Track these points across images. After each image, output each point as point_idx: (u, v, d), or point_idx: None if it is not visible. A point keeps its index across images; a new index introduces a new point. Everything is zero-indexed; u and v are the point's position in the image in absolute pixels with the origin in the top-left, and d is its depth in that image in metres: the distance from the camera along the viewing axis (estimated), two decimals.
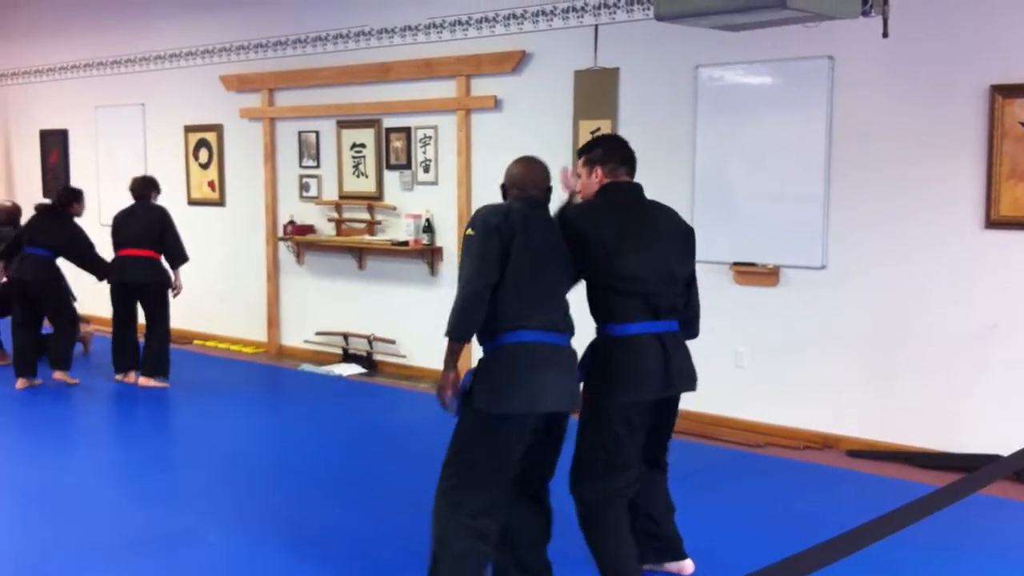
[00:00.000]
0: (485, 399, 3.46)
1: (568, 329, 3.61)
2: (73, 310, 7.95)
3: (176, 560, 4.28)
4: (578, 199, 3.93)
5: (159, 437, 6.30)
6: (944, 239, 5.67)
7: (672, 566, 4.09)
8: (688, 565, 4.08)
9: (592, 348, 3.75)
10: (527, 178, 3.71)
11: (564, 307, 3.63)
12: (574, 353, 3.64)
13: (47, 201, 8.43)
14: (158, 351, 7.67)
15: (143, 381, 7.60)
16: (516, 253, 3.48)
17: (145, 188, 7.79)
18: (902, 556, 4.14)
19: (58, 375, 7.59)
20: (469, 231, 3.54)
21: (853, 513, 2.94)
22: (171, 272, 7.73)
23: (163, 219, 7.68)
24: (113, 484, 5.38)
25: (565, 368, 3.55)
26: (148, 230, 7.57)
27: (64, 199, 7.77)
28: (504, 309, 3.48)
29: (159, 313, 7.66)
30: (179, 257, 7.76)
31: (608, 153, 3.89)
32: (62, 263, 7.78)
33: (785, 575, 1.85)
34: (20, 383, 7.47)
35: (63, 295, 7.84)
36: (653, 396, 3.69)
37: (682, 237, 3.88)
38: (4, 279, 7.87)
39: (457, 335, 3.54)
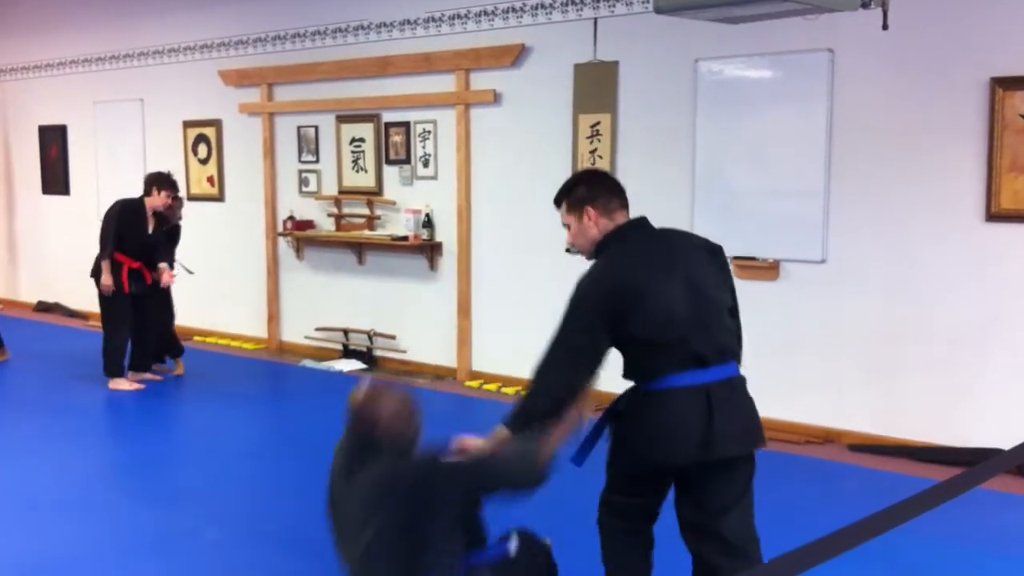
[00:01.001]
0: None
1: None
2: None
3: (177, 560, 4.27)
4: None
5: (159, 434, 6.29)
6: (945, 232, 5.65)
7: None
8: None
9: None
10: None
11: None
12: None
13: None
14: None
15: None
16: None
17: (146, 183, 7.68)
18: (904, 550, 4.13)
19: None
20: None
21: (855, 508, 2.92)
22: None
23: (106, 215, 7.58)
24: (113, 483, 5.37)
25: None
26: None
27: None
28: None
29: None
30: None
31: (593, 188, 3.33)
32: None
33: (787, 570, 1.84)
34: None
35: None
36: (688, 460, 3.15)
37: (712, 257, 3.47)
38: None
39: None
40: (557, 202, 3.40)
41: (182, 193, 9.79)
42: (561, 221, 3.42)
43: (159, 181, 7.60)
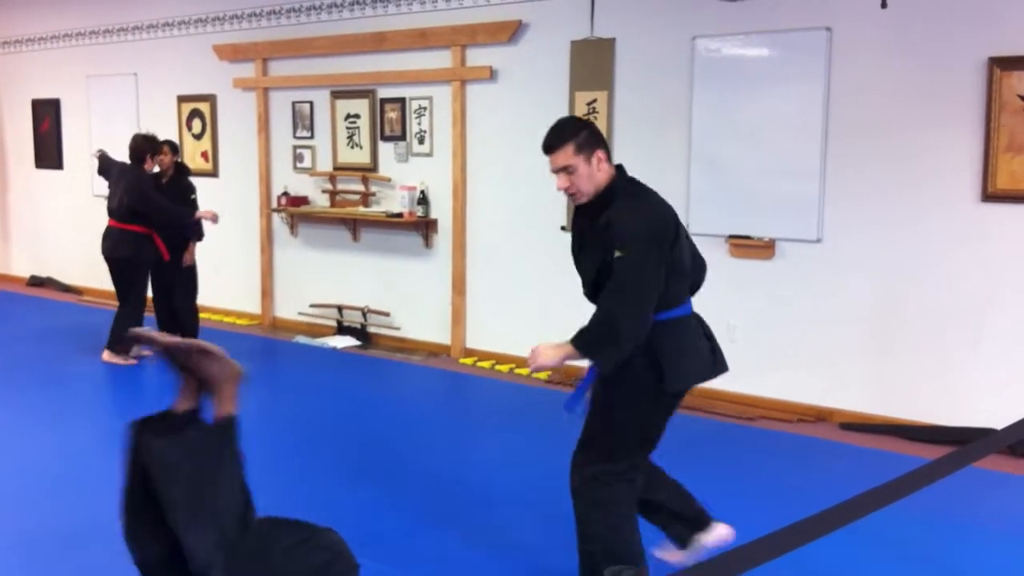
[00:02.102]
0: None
1: None
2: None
3: None
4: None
5: (149, 410, 6.26)
6: (940, 212, 5.65)
7: (707, 537, 3.79)
8: (722, 529, 3.82)
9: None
10: None
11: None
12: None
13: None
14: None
15: (105, 356, 7.52)
16: None
17: (140, 150, 7.39)
18: (895, 528, 4.15)
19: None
20: None
21: (846, 486, 2.93)
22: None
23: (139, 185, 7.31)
24: (107, 457, 5.36)
25: None
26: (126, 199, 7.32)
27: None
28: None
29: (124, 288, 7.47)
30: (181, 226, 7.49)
31: (597, 133, 3.41)
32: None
33: (778, 546, 1.84)
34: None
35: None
36: (703, 378, 3.53)
37: None
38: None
39: None
40: (557, 145, 3.37)
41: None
42: (559, 164, 3.39)
43: (154, 144, 7.44)
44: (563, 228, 6.82)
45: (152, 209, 7.30)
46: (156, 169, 7.51)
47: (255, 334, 8.86)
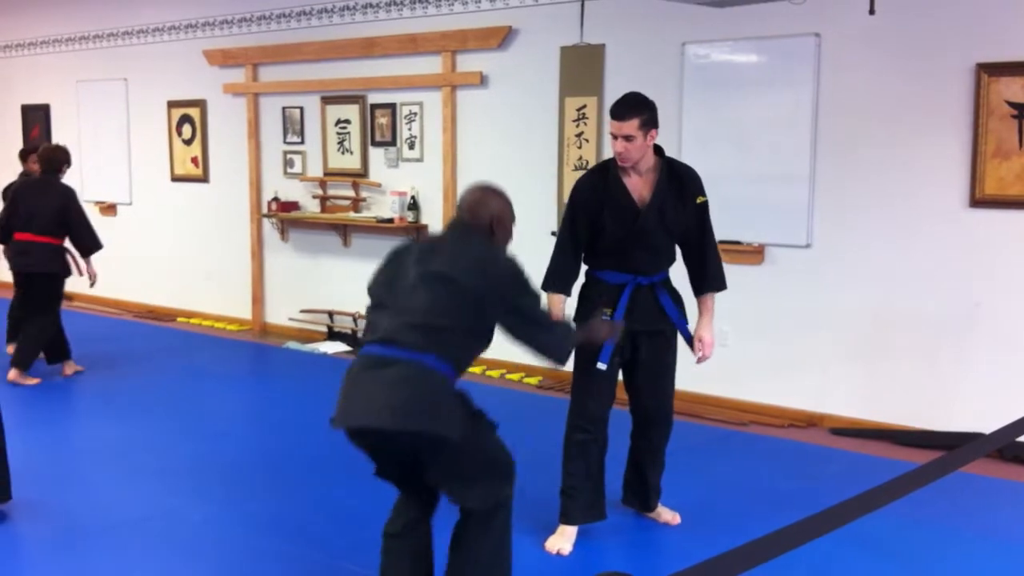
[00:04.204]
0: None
1: (412, 345, 3.11)
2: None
3: (159, 539, 4.26)
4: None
5: (142, 416, 6.26)
6: (929, 218, 5.67)
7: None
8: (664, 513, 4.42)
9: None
10: (464, 204, 3.38)
11: (422, 318, 3.14)
12: (416, 365, 3.10)
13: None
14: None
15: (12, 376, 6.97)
16: (377, 272, 3.50)
17: (58, 161, 7.15)
18: (884, 532, 4.17)
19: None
20: None
21: (836, 491, 2.95)
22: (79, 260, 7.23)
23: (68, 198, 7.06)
24: (96, 463, 5.35)
25: (389, 382, 3.09)
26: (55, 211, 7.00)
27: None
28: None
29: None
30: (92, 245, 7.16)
31: (656, 115, 4.06)
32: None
33: (768, 550, 1.85)
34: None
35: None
36: None
37: None
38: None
39: None
40: (627, 116, 3.95)
41: (166, 173, 9.80)
42: (623, 132, 3.95)
43: (68, 155, 7.26)
44: (553, 233, 6.82)
45: (84, 221, 7.09)
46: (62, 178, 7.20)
47: (245, 340, 8.84)
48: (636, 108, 3.98)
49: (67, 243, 7.23)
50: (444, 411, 3.09)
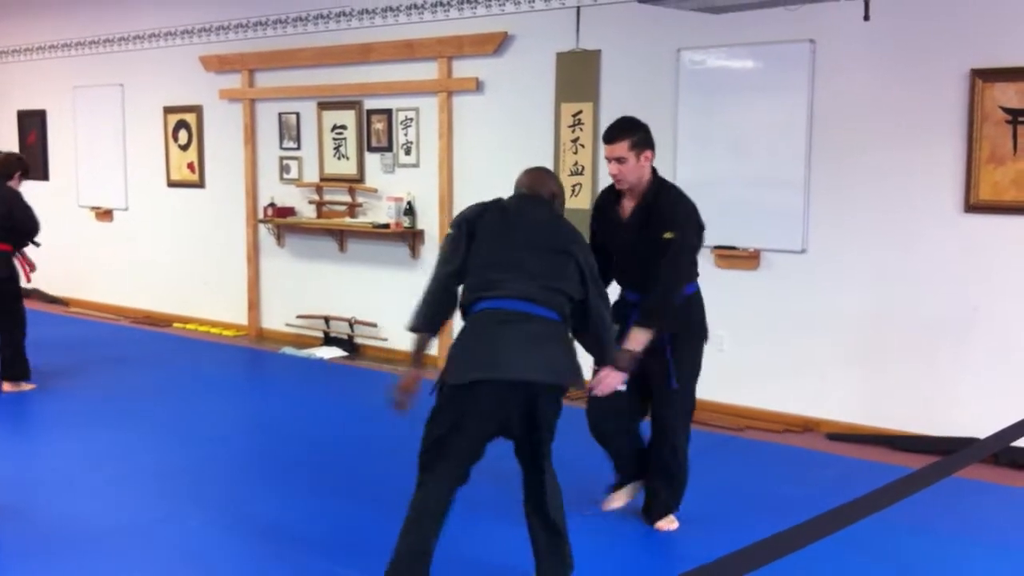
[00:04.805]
0: (447, 371, 3.39)
1: (549, 303, 3.41)
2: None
3: (156, 545, 4.26)
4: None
5: (138, 421, 6.26)
6: (924, 223, 5.68)
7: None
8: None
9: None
10: (529, 183, 3.72)
11: (548, 282, 3.44)
12: (557, 325, 3.45)
13: None
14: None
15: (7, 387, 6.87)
16: (480, 231, 3.48)
17: (12, 167, 6.93)
18: (880, 537, 4.17)
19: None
20: (449, 230, 3.60)
21: (832, 496, 2.95)
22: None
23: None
24: (92, 469, 5.35)
25: (540, 338, 3.37)
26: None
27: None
28: (470, 283, 3.46)
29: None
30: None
31: (650, 137, 4.14)
32: None
33: (764, 555, 1.85)
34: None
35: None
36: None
37: None
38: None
39: (413, 325, 3.56)
40: (617, 139, 4.07)
41: (162, 179, 9.80)
42: (614, 155, 4.08)
43: (23, 163, 7.07)
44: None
45: (34, 225, 6.93)
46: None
47: (242, 345, 8.84)
48: (625, 130, 4.10)
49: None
50: (576, 364, 3.45)
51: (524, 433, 3.46)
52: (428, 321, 3.55)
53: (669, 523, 4.39)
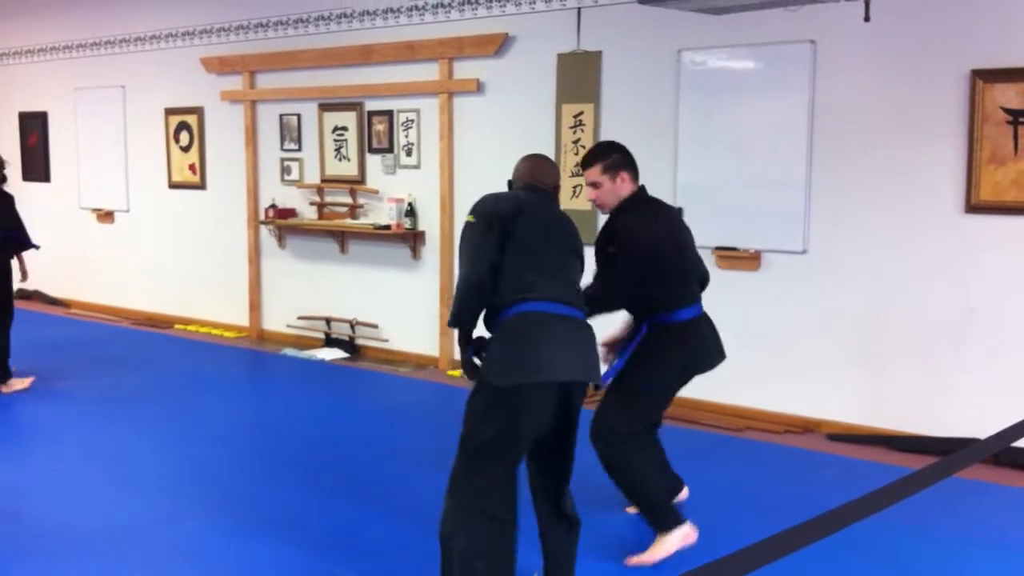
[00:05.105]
0: (494, 373, 3.35)
1: (580, 305, 3.52)
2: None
3: (156, 546, 4.27)
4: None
5: (140, 422, 6.27)
6: (925, 224, 5.69)
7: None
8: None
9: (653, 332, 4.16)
10: (532, 172, 3.75)
11: (574, 284, 3.57)
12: (590, 327, 3.55)
13: None
14: None
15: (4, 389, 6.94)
16: (519, 231, 3.45)
17: None
18: (880, 538, 4.18)
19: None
20: (470, 218, 3.52)
21: (833, 496, 2.95)
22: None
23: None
24: (93, 470, 5.35)
25: (579, 339, 3.45)
26: None
27: None
28: (507, 284, 3.42)
29: None
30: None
31: (626, 158, 4.16)
32: None
33: (764, 556, 1.85)
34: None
35: None
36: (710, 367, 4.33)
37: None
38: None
39: (457, 323, 3.47)
40: (589, 164, 4.17)
41: (163, 180, 9.81)
42: (589, 180, 4.18)
43: (2, 162, 7.20)
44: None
45: (18, 224, 7.03)
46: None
47: (243, 347, 8.85)
48: (598, 155, 4.17)
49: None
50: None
51: (561, 430, 3.49)
52: (474, 316, 3.47)
53: (641, 557, 4.08)
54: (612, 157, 4.13)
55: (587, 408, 3.76)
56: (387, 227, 7.87)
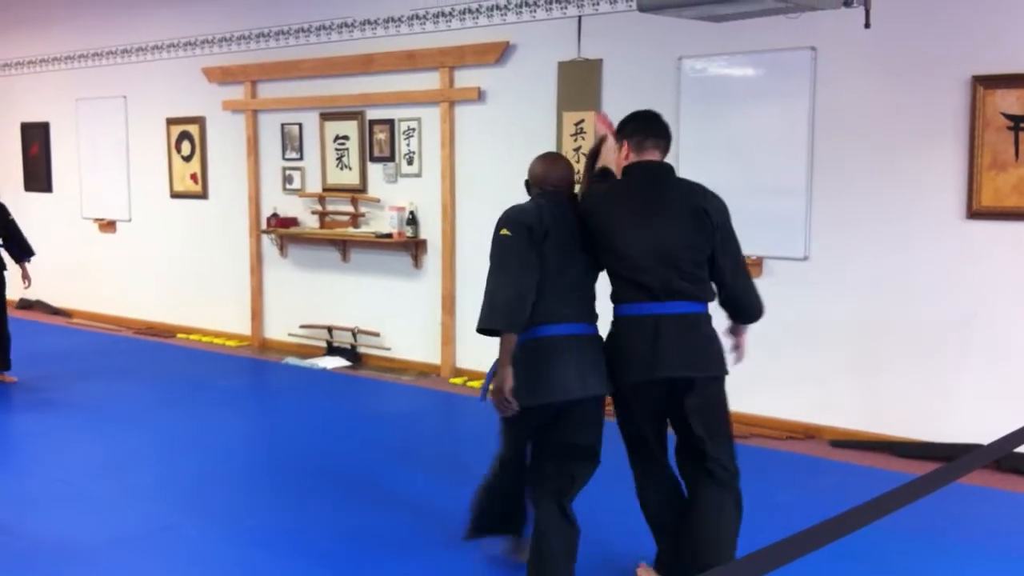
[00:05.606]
0: (519, 394, 3.50)
1: (594, 319, 3.65)
2: None
3: (158, 556, 4.27)
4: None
5: (142, 432, 6.27)
6: (926, 230, 5.69)
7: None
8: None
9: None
10: (550, 175, 3.76)
11: (590, 298, 3.66)
12: (601, 340, 3.67)
13: None
14: None
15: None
16: (548, 253, 3.52)
17: None
18: (883, 544, 4.17)
19: None
20: (504, 231, 3.56)
21: (835, 502, 2.95)
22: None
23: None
24: (95, 479, 5.35)
25: (593, 356, 3.59)
26: None
27: None
28: (533, 307, 3.48)
29: None
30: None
31: (637, 128, 3.81)
32: None
33: (767, 564, 1.85)
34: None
35: None
36: (637, 379, 3.56)
37: (692, 216, 3.67)
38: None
39: (509, 326, 3.46)
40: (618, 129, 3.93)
41: (165, 190, 9.82)
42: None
43: None
44: None
45: (16, 229, 7.41)
46: None
47: (245, 355, 8.85)
48: (621, 124, 4.03)
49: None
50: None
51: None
52: (522, 323, 3.48)
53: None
54: (626, 126, 3.87)
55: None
56: (389, 235, 7.88)
